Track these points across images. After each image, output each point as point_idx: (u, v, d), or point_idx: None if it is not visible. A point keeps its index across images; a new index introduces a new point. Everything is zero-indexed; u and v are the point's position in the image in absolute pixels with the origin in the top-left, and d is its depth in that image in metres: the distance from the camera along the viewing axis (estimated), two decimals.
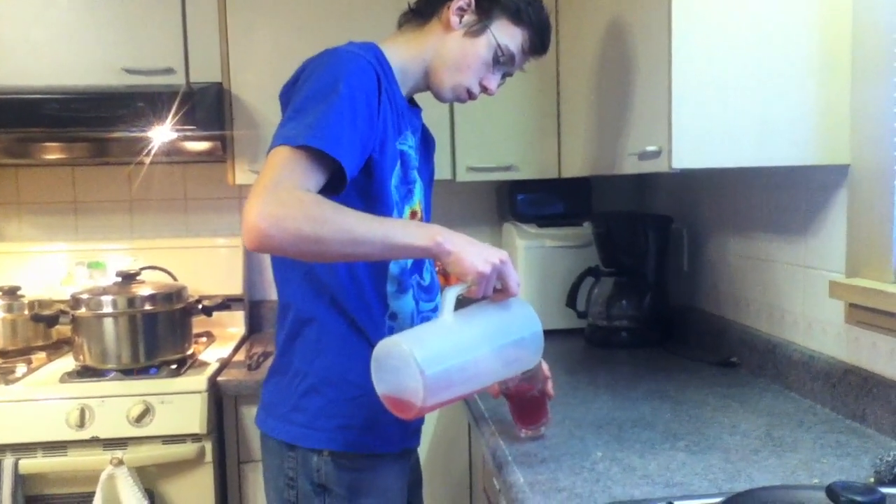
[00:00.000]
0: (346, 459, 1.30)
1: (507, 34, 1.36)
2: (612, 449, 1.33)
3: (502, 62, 1.37)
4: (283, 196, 1.08)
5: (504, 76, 1.42)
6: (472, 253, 1.15)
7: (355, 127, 1.17)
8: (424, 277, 1.41)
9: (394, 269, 1.32)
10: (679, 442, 1.36)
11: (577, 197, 2.48)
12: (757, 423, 1.46)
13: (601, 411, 1.54)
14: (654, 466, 1.25)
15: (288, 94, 1.25)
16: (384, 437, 1.34)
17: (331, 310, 1.30)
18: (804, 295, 1.65)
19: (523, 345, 1.23)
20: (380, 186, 1.27)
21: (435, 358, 1.10)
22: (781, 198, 1.73)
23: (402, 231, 1.15)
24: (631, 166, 1.66)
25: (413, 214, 1.38)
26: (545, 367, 1.39)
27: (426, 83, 1.40)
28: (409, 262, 1.35)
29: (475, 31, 1.34)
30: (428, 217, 1.54)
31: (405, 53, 1.36)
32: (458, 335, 1.16)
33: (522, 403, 1.40)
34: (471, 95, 1.39)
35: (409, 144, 1.35)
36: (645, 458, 1.29)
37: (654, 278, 2.18)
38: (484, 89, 1.39)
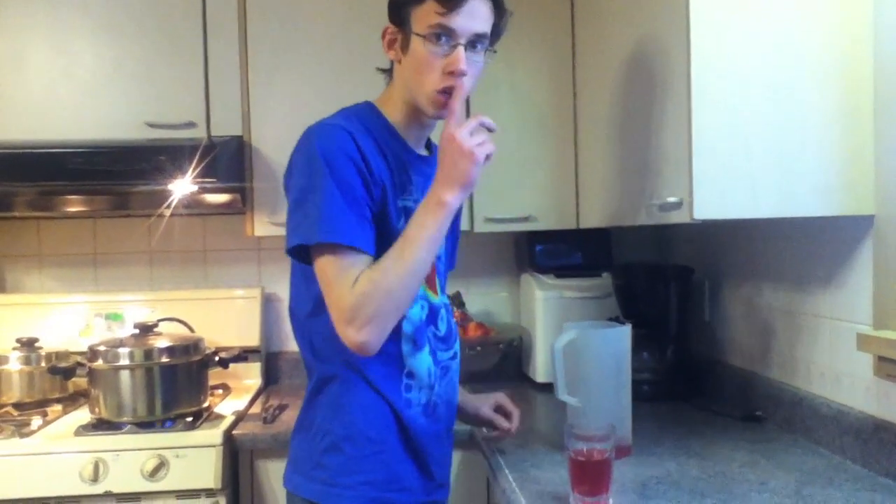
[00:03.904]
0: None
1: (421, 18, 1.27)
2: None
3: (442, 41, 1.26)
4: (350, 304, 1.19)
5: (480, 51, 1.30)
6: (463, 170, 1.23)
7: (352, 205, 1.23)
8: (440, 328, 1.41)
9: (407, 328, 1.33)
10: (706, 500, 1.32)
11: (597, 247, 2.47)
12: (786, 479, 1.41)
13: (625, 467, 1.50)
14: None
15: (289, 177, 1.32)
16: (406, 490, 1.34)
17: (349, 370, 1.32)
18: (830, 347, 1.61)
19: None
20: (387, 241, 1.27)
21: None
22: (805, 248, 1.70)
23: (423, 230, 1.23)
24: (651, 217, 1.65)
25: None
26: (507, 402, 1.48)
27: (422, 118, 1.36)
28: (423, 317, 1.36)
29: (404, 42, 1.31)
30: (449, 264, 1.55)
31: (393, 104, 1.37)
32: None
33: (586, 467, 1.32)
34: (445, 91, 1.28)
35: (413, 199, 1.35)
36: None
37: (675, 330, 2.15)
38: (452, 74, 1.26)
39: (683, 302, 2.16)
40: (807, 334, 1.70)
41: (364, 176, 1.25)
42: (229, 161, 2.19)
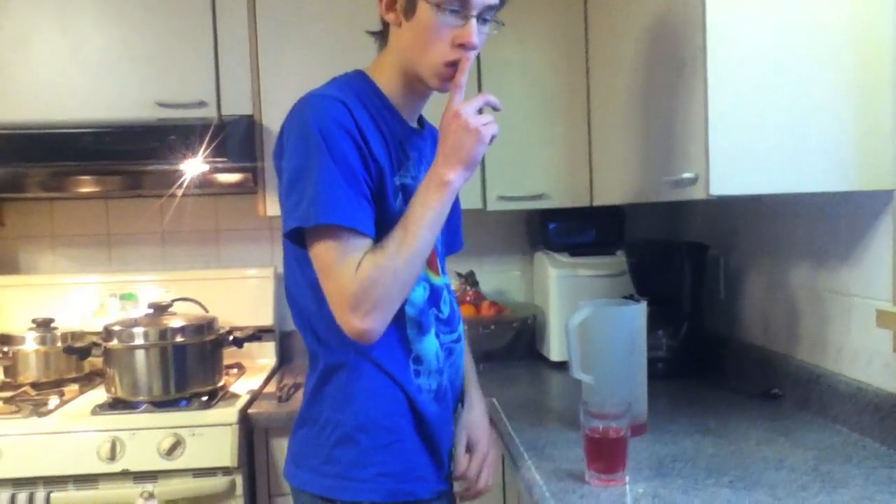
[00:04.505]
0: None
1: None
2: (654, 485, 1.29)
3: (452, 10, 1.20)
4: (354, 291, 1.14)
5: (488, 22, 1.25)
6: (468, 149, 1.20)
7: (351, 183, 1.17)
8: (443, 311, 1.38)
9: (410, 311, 1.29)
10: (723, 478, 1.31)
11: (610, 225, 2.45)
12: (804, 457, 1.40)
13: (640, 445, 1.50)
14: (698, 503, 1.20)
15: (279, 156, 1.25)
16: (421, 479, 1.31)
17: (358, 357, 1.26)
18: (849, 324, 1.59)
19: None
20: (383, 220, 1.23)
21: None
22: (822, 224, 1.68)
23: (426, 209, 1.19)
24: (666, 194, 1.63)
25: None
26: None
27: (421, 90, 1.31)
28: (424, 299, 1.31)
29: (408, 5, 1.22)
30: (452, 244, 1.51)
31: (387, 74, 1.30)
32: None
33: (602, 445, 1.32)
34: (453, 65, 1.23)
35: (411, 175, 1.30)
36: (688, 494, 1.24)
37: (690, 307, 2.13)
38: (462, 47, 1.21)
39: (698, 279, 2.14)
40: (824, 311, 1.68)
41: (362, 151, 1.19)
42: (240, 140, 2.18)
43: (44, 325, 2.29)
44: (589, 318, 1.54)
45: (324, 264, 1.17)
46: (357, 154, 1.18)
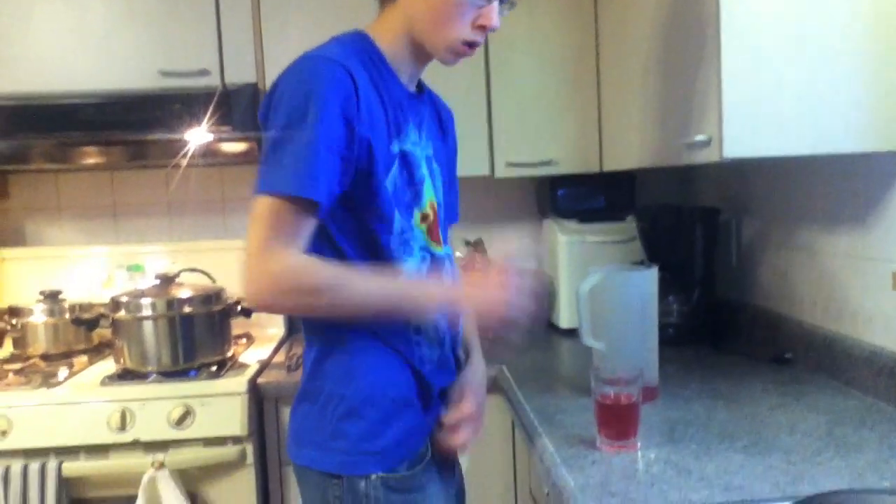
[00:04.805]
0: (396, 480, 1.22)
1: None
2: (666, 451, 1.28)
3: None
4: (274, 269, 1.11)
5: (505, 2, 1.23)
6: (488, 301, 1.19)
7: (331, 154, 1.12)
8: (444, 281, 1.33)
9: None
10: (736, 443, 1.30)
11: (620, 191, 2.42)
12: (817, 421, 1.39)
13: (652, 410, 1.48)
14: (711, 469, 1.19)
15: (265, 116, 1.17)
16: (426, 436, 1.29)
17: (358, 330, 1.22)
18: (864, 287, 1.57)
19: None
20: (374, 196, 1.19)
21: None
22: (837, 187, 1.65)
23: (412, 301, 1.19)
24: (678, 157, 1.60)
25: (424, 218, 1.27)
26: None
27: (424, 56, 1.27)
28: (423, 269, 1.27)
29: None
30: (451, 216, 1.46)
31: (391, 36, 1.24)
32: None
33: (614, 411, 1.30)
34: (471, 45, 1.22)
35: (411, 141, 1.25)
36: (701, 460, 1.23)
37: (701, 273, 2.11)
38: (482, 29, 1.20)
39: (710, 244, 2.11)
40: (838, 274, 1.65)
41: (353, 124, 1.13)
42: (244, 109, 2.15)
43: (52, 296, 2.28)
44: (600, 283, 1.52)
45: (271, 222, 1.11)
46: (345, 129, 1.12)
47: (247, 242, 1.13)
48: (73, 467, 1.84)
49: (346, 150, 1.13)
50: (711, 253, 2.12)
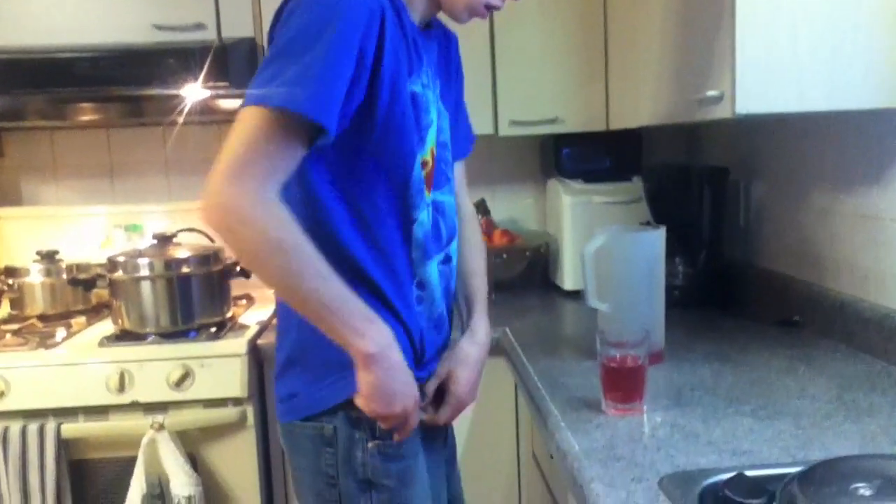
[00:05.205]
0: (391, 448, 1.18)
1: None
2: (673, 414, 1.25)
3: None
4: (249, 193, 0.99)
5: None
6: (392, 390, 1.11)
7: (341, 78, 1.02)
8: (442, 231, 1.27)
9: (418, 233, 1.20)
10: (744, 407, 1.27)
11: (626, 150, 2.36)
12: (827, 386, 1.36)
13: (657, 373, 1.45)
14: (718, 433, 1.16)
15: (274, 31, 1.08)
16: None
17: (354, 282, 1.11)
18: (876, 248, 1.53)
19: None
20: (393, 139, 1.12)
21: None
22: (852, 144, 1.60)
23: (340, 324, 1.06)
24: (689, 114, 1.55)
25: (424, 164, 1.21)
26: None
27: (435, 5, 1.22)
28: (430, 225, 1.22)
29: None
30: (463, 149, 1.40)
31: None
32: None
33: (620, 374, 1.28)
34: (490, 8, 1.20)
35: (422, 83, 1.18)
36: (708, 424, 1.20)
37: (708, 234, 2.06)
38: None
39: (717, 205, 2.07)
40: (850, 235, 1.61)
41: (370, 58, 1.05)
42: (241, 64, 2.09)
43: (48, 257, 2.25)
44: (606, 244, 1.49)
45: (255, 138, 1.00)
46: (358, 62, 1.04)
47: (222, 153, 1.00)
48: (72, 429, 1.83)
49: (354, 86, 1.05)
50: (719, 214, 2.08)
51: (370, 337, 1.08)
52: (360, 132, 1.11)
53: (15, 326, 2.12)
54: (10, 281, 2.22)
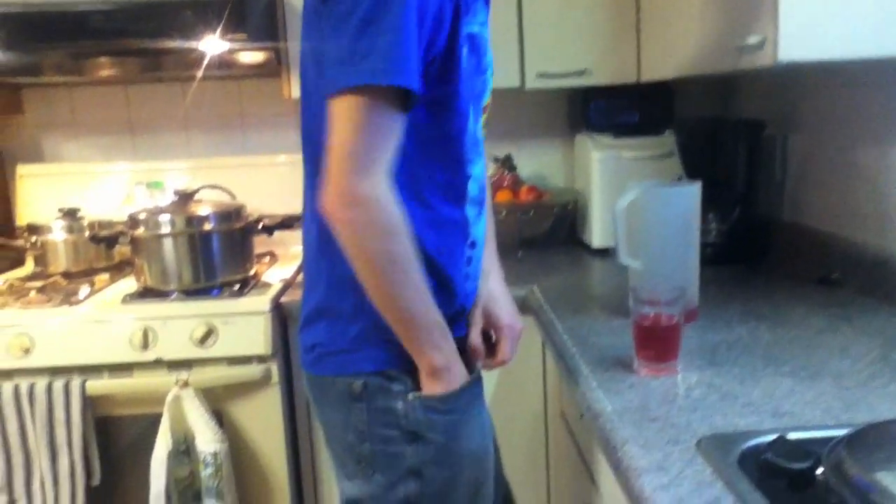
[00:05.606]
0: (436, 400, 1.13)
1: None
2: (708, 374, 1.21)
3: None
4: (381, 182, 0.99)
5: None
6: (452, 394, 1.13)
7: (416, 35, 0.98)
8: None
9: (473, 189, 1.15)
10: (783, 367, 1.22)
11: (657, 104, 2.28)
12: (870, 345, 1.31)
13: (691, 332, 1.41)
14: (757, 394, 1.12)
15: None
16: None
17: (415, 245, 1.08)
18: None
19: None
20: (451, 87, 1.07)
21: None
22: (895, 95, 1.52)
23: (425, 335, 1.09)
24: (726, 63, 1.48)
25: (484, 110, 1.17)
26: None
27: None
28: (481, 183, 1.18)
29: None
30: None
31: None
32: None
33: (653, 333, 1.23)
34: None
35: (479, 21, 1.10)
36: (746, 384, 1.16)
37: (743, 190, 2.00)
38: None
39: (753, 159, 2.00)
40: (893, 190, 1.54)
41: (434, 8, 1.01)
42: (260, 16, 2.04)
43: (70, 214, 2.24)
44: (638, 200, 1.43)
45: (361, 130, 0.99)
46: (429, 14, 1.00)
47: (334, 150, 1.00)
48: (96, 385, 1.82)
49: (432, 30, 1.01)
50: (755, 169, 2.01)
51: (445, 352, 1.11)
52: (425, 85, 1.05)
53: (39, 283, 2.11)
54: (34, 238, 2.22)
